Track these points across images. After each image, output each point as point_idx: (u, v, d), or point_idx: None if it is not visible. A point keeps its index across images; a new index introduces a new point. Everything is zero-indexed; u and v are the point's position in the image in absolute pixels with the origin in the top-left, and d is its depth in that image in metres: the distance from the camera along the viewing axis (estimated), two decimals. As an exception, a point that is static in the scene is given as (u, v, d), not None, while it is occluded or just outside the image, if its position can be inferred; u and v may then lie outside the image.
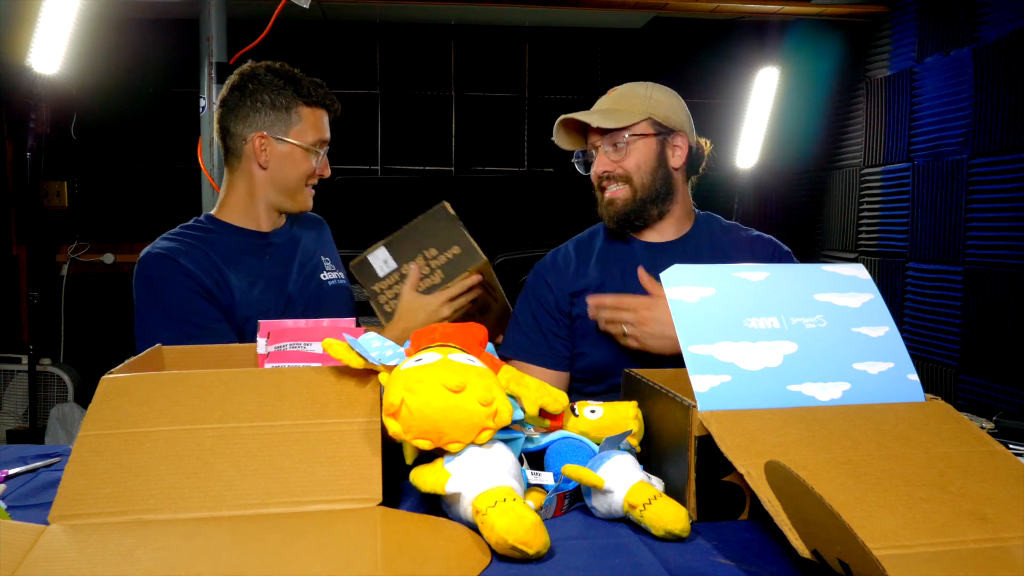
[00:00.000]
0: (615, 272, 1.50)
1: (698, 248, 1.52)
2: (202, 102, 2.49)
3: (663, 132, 1.48)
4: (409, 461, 0.88)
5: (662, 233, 1.52)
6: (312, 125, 1.51)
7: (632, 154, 1.46)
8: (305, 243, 1.61)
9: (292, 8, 2.17)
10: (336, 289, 1.62)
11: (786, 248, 1.56)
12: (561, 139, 1.55)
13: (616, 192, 1.46)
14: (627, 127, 1.45)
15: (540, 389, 0.91)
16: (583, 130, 1.52)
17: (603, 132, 1.46)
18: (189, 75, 3.03)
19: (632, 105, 1.47)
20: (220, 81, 2.47)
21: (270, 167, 1.50)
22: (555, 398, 0.92)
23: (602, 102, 1.51)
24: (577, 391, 1.49)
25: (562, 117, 1.49)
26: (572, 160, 1.57)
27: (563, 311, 1.50)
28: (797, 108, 3.58)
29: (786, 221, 3.82)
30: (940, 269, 2.70)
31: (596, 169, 1.48)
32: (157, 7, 3.30)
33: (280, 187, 1.52)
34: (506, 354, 1.51)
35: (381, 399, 0.90)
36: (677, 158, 1.49)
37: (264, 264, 1.52)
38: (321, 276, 1.60)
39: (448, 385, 0.80)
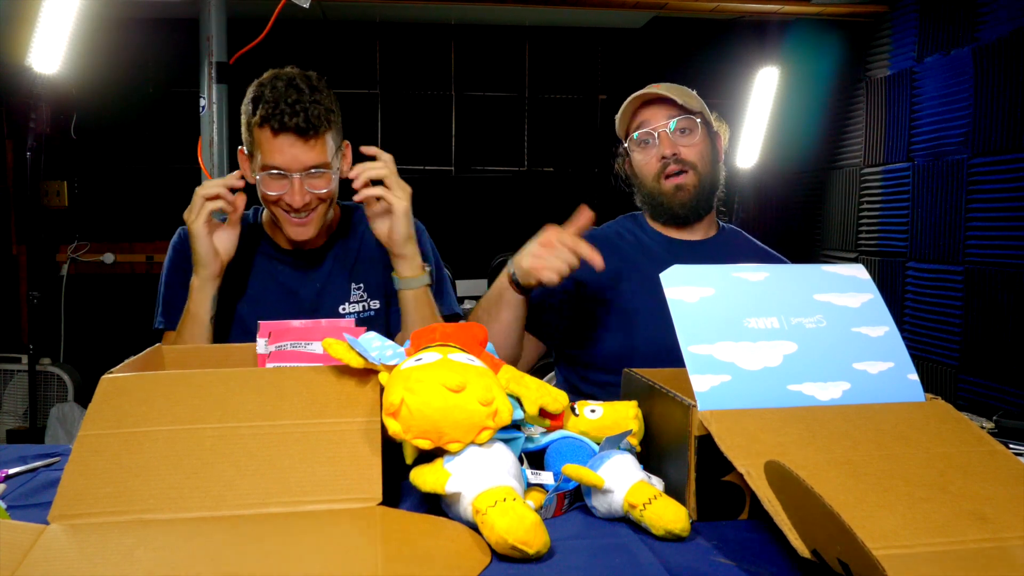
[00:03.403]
0: (640, 265, 1.50)
1: (721, 252, 1.53)
2: (202, 102, 2.49)
3: (711, 128, 1.53)
4: (409, 461, 0.88)
5: (692, 232, 1.54)
6: (260, 147, 1.35)
7: (698, 142, 1.49)
8: (337, 267, 1.50)
9: (292, 8, 2.17)
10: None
11: None
12: (621, 121, 1.54)
13: (684, 179, 1.47)
14: (698, 112, 1.48)
15: (540, 389, 0.91)
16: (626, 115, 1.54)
17: (677, 113, 1.47)
18: (189, 75, 3.03)
19: (692, 98, 1.50)
20: (220, 81, 2.47)
21: None
22: (555, 398, 0.92)
23: (662, 89, 1.49)
24: (589, 379, 1.49)
25: (641, 92, 1.48)
26: (623, 146, 1.55)
27: (568, 289, 1.47)
28: (797, 108, 3.58)
29: (786, 221, 3.82)
30: (940, 269, 2.70)
31: (664, 150, 1.47)
32: (157, 7, 3.30)
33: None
34: None
35: (381, 399, 0.90)
36: (720, 152, 1.55)
37: (273, 284, 1.48)
38: (340, 309, 1.49)
39: (448, 385, 0.80)
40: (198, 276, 1.35)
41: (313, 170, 1.35)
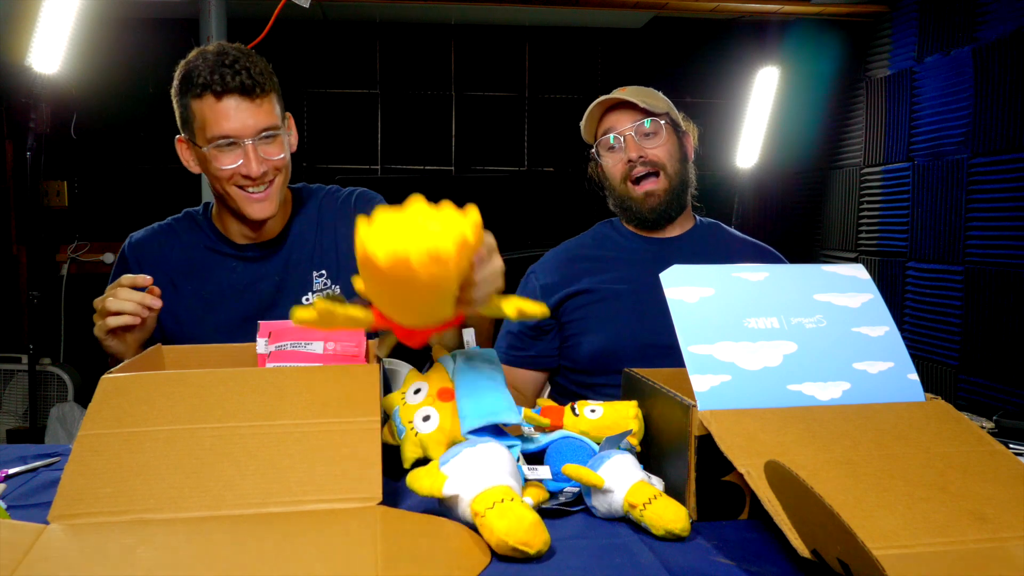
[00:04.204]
0: (619, 266, 1.51)
1: (700, 246, 1.54)
2: (202, 102, 2.48)
3: (678, 128, 1.54)
4: (407, 465, 0.88)
5: (668, 229, 1.55)
6: (203, 120, 1.26)
7: (665, 143, 1.49)
8: (295, 257, 1.41)
9: (292, 8, 2.17)
10: None
11: (786, 261, 1.58)
12: (587, 127, 1.56)
13: (653, 184, 1.48)
14: (663, 114, 1.49)
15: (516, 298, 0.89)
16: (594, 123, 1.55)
17: (640, 116, 1.48)
18: (189, 75, 3.02)
19: (656, 100, 1.51)
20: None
21: (202, 172, 1.35)
22: (533, 305, 0.88)
23: (626, 93, 1.50)
24: (580, 383, 1.50)
25: (605, 98, 1.50)
26: (595, 147, 1.56)
27: (552, 314, 1.51)
28: (797, 108, 3.58)
29: (786, 221, 3.82)
30: (940, 269, 2.70)
31: (630, 153, 1.48)
32: (157, 7, 3.30)
33: (215, 193, 1.35)
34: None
35: (381, 399, 0.90)
36: (689, 151, 1.56)
37: (228, 282, 1.39)
38: (304, 300, 1.40)
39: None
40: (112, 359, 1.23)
41: (265, 134, 1.26)
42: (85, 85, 3.41)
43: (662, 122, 1.48)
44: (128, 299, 1.16)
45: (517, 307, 0.88)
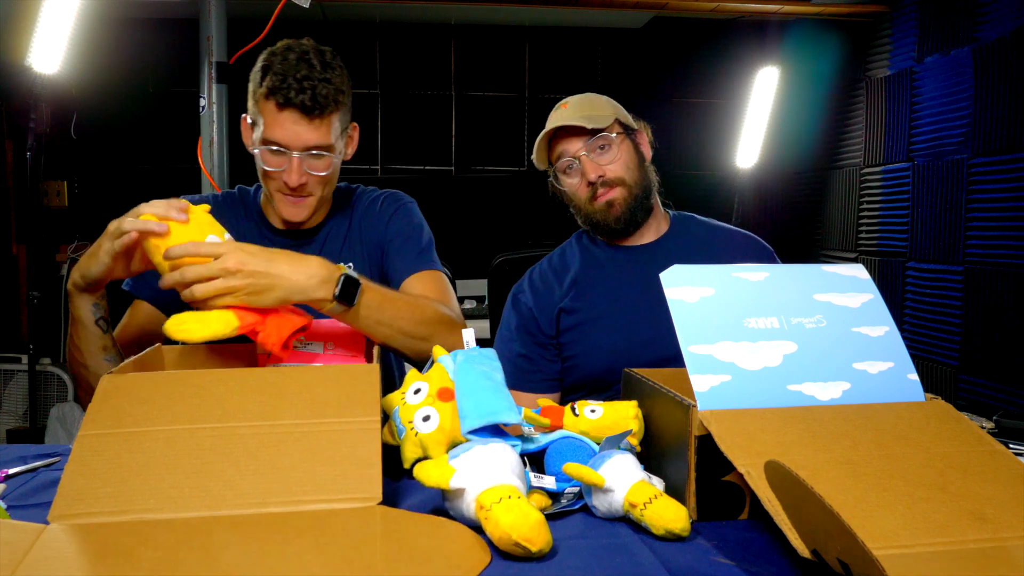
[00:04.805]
0: (603, 278, 1.49)
1: (683, 246, 1.52)
2: (202, 102, 2.49)
3: (630, 131, 1.51)
4: (407, 465, 0.88)
5: (642, 235, 1.52)
6: (264, 118, 1.30)
7: (620, 155, 1.47)
8: (326, 250, 1.42)
9: (292, 8, 2.18)
10: None
11: (768, 247, 1.56)
12: (540, 156, 1.53)
13: (613, 193, 1.45)
14: (610, 128, 1.46)
15: None
16: (550, 146, 1.53)
17: (589, 136, 1.45)
18: (189, 75, 3.03)
19: (601, 110, 1.48)
20: (220, 81, 2.48)
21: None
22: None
23: (569, 112, 1.48)
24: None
25: (550, 127, 1.47)
26: (550, 177, 1.54)
27: (548, 333, 1.48)
28: (797, 108, 3.58)
29: (786, 221, 3.82)
30: (940, 269, 2.70)
31: (589, 175, 1.45)
32: (157, 7, 3.30)
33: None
34: None
35: (381, 399, 0.91)
36: (646, 152, 1.53)
37: None
38: None
39: None
40: (74, 284, 1.15)
41: (314, 151, 1.29)
42: (85, 85, 3.41)
43: (613, 135, 1.46)
44: (147, 211, 1.07)
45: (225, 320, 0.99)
